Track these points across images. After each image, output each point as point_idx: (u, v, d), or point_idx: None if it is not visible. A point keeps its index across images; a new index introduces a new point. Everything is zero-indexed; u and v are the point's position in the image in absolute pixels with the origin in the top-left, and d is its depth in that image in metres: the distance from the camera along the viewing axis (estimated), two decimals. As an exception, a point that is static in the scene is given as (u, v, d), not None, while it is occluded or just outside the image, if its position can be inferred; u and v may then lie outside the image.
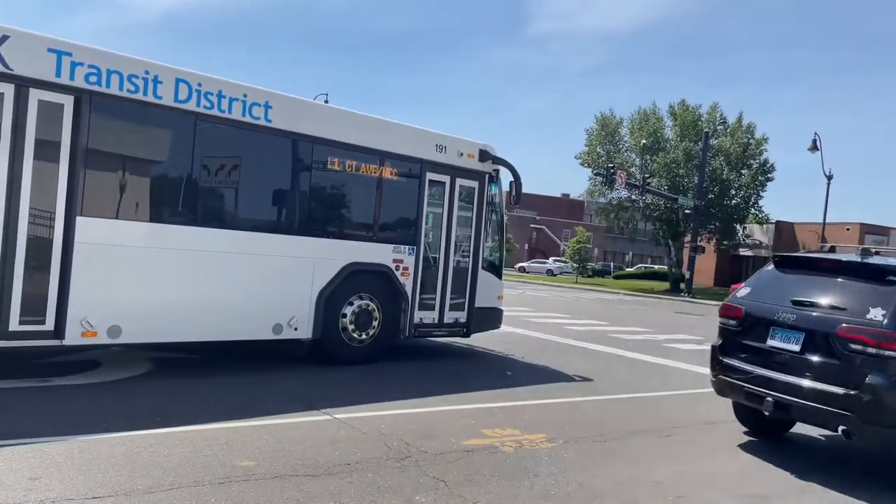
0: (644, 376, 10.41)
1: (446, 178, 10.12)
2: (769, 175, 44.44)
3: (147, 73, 7.26)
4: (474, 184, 10.49)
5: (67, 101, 6.80)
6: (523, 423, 6.84)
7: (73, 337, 6.91)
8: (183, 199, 7.81)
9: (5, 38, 6.41)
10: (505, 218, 11.70)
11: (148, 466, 4.78)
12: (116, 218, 7.23)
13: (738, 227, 45.13)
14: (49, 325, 6.80)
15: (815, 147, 34.70)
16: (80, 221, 6.88)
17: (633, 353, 12.86)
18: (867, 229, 44.21)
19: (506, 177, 11.05)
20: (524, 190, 11.02)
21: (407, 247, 9.69)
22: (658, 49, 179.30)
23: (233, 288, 8.03)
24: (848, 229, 43.89)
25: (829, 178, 35.15)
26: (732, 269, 52.08)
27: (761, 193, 44.64)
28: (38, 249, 6.70)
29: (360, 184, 9.30)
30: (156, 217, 7.55)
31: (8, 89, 6.45)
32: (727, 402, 8.87)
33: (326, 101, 23.06)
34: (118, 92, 7.07)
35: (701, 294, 41.62)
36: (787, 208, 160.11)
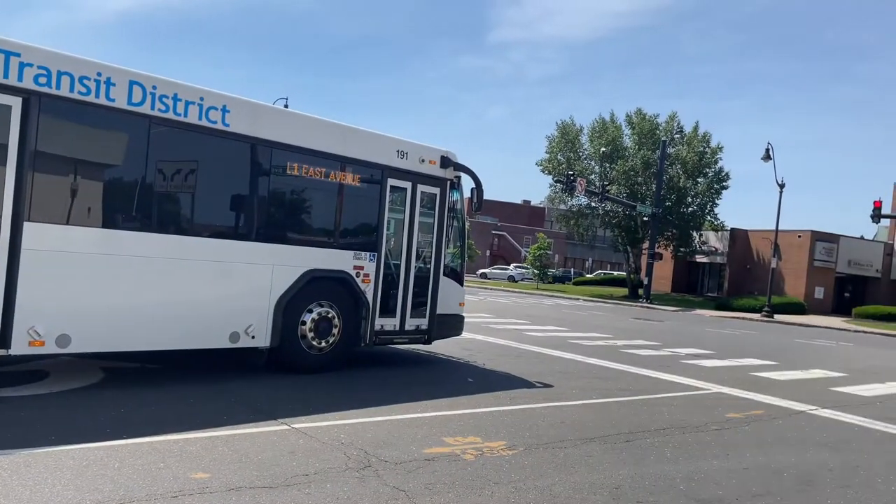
0: (603, 382, 10.50)
1: (408, 185, 10.08)
2: (724, 183, 45.50)
3: (99, 74, 7.07)
4: (436, 190, 10.47)
5: (15, 103, 6.57)
6: (484, 431, 6.83)
7: (19, 346, 6.66)
8: (136, 205, 7.60)
9: (-51, 36, 6.18)
10: (466, 224, 11.71)
11: (97, 480, 4.62)
12: (66, 223, 7.00)
13: (694, 234, 46.06)
14: (-6, 334, 6.55)
15: (767, 156, 35.60)
16: (28, 227, 6.64)
17: (593, 359, 12.98)
18: (818, 237, 45.50)
19: (467, 183, 11.07)
20: (485, 196, 11.05)
21: (368, 253, 9.62)
22: (616, 59, 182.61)
23: (188, 295, 7.85)
24: (799, 236, 45.11)
25: (782, 186, 36.08)
26: (689, 276, 53.08)
27: (717, 201, 45.73)
28: (-17, 256, 6.44)
29: (320, 189, 9.20)
30: (108, 223, 7.34)
31: (-49, 89, 6.21)
32: (688, 406, 9.04)
33: (286, 106, 22.85)
34: (69, 94, 6.86)
35: (659, 300, 42.33)
36: (741, 216, 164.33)
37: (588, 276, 68.79)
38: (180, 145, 7.89)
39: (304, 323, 9.00)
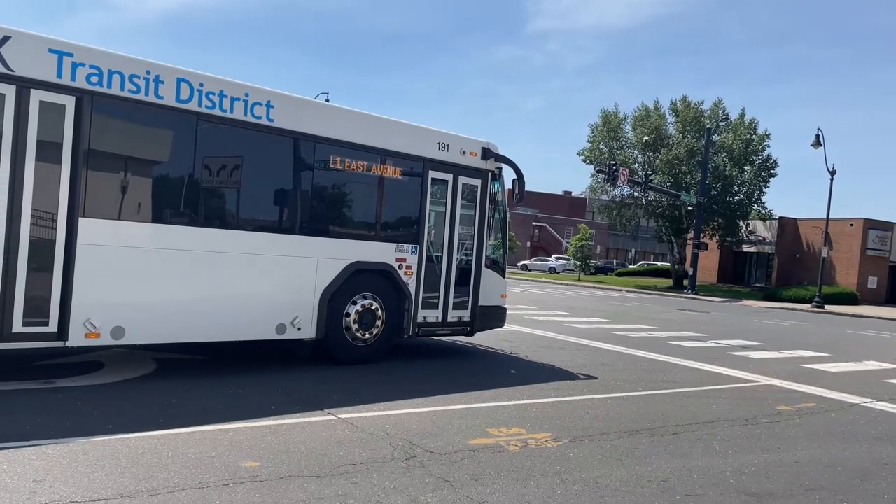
0: (649, 374, 10.38)
1: (449, 177, 10.09)
2: (772, 171, 44.37)
3: (148, 73, 7.24)
4: (477, 182, 10.45)
5: (69, 102, 6.77)
6: (528, 422, 6.82)
7: (76, 338, 6.89)
8: (185, 200, 7.78)
9: (6, 38, 6.40)
10: (508, 216, 11.67)
11: (152, 468, 4.76)
12: (119, 219, 7.21)
13: (741, 223, 45.05)
14: (52, 326, 6.79)
15: (817, 142, 34.60)
16: (83, 223, 6.86)
17: (638, 351, 12.83)
18: (870, 224, 44.02)
19: (508, 174, 11.02)
20: (526, 188, 11.00)
21: (410, 245, 9.67)
22: (656, 46, 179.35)
23: (236, 288, 8.01)
24: (851, 224, 43.71)
25: (833, 173, 35.05)
26: (736, 266, 51.96)
27: (764, 189, 44.63)
28: (41, 251, 6.68)
29: (363, 183, 9.27)
30: (158, 217, 7.53)
31: (9, 90, 6.43)
32: (736, 399, 8.87)
33: (328, 100, 23.03)
34: (120, 92, 7.04)
35: (704, 291, 41.57)
36: (790, 204, 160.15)
37: (631, 266, 67.88)
38: (226, 141, 8.03)
39: (348, 315, 9.10)
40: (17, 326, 6.57)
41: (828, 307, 34.32)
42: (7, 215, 6.44)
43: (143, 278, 7.31)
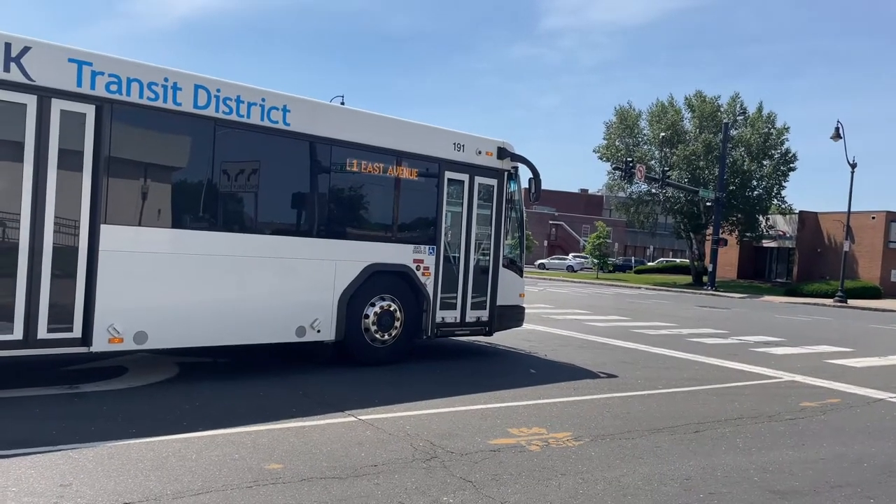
0: (669, 371, 10.31)
1: (465, 177, 10.09)
2: (791, 165, 43.90)
3: (166, 80, 7.32)
4: (493, 181, 10.45)
5: (89, 111, 6.87)
6: (549, 422, 6.80)
7: (100, 343, 6.99)
8: (204, 205, 7.85)
9: (26, 49, 6.49)
10: (524, 215, 11.64)
11: (177, 471, 4.81)
12: (140, 225, 7.29)
13: (760, 218, 44.60)
14: (77, 332, 6.88)
15: (837, 135, 34.15)
16: (105, 229, 6.95)
17: (658, 349, 12.75)
18: (893, 217, 43.33)
19: (524, 174, 11.00)
20: (542, 186, 10.96)
21: (427, 246, 9.68)
22: (671, 41, 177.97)
23: (256, 291, 8.07)
24: (873, 217, 43.11)
25: (853, 166, 34.57)
26: (756, 261, 51.45)
27: (784, 183, 44.18)
28: (64, 258, 6.77)
29: (379, 184, 9.30)
30: (178, 223, 7.61)
31: (30, 100, 6.52)
32: (759, 395, 8.79)
33: (343, 103, 23.11)
34: (139, 100, 7.13)
35: (724, 287, 41.22)
36: (810, 198, 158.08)
37: (649, 263, 67.46)
38: (244, 146, 8.09)
39: (367, 316, 9.13)
40: (43, 333, 6.67)
41: (850, 301, 33.88)
42: (30, 223, 6.54)
43: (165, 283, 7.39)
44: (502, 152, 10.50)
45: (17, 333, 6.53)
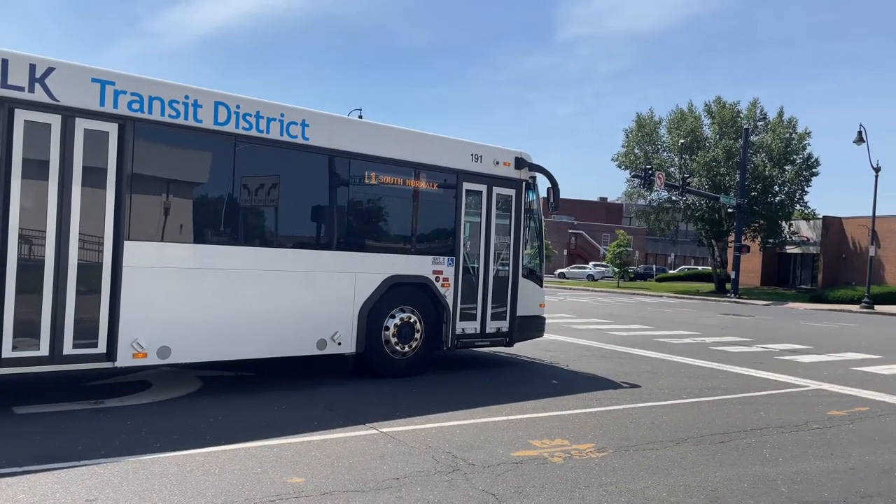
0: (693, 381, 10.19)
1: (483, 188, 10.09)
2: (814, 170, 43.39)
3: (187, 97, 7.42)
4: (511, 192, 10.44)
5: (112, 129, 6.97)
6: (572, 433, 6.75)
7: (124, 359, 7.06)
8: (225, 220, 7.93)
9: (50, 70, 6.62)
10: (543, 224, 11.62)
11: (200, 485, 4.84)
12: (162, 241, 7.38)
13: (783, 224, 44.08)
14: (101, 347, 6.96)
15: (860, 139, 33.73)
16: (128, 245, 7.04)
17: (681, 358, 12.61)
18: (920, 221, 42.62)
19: (542, 183, 10.98)
20: (561, 195, 10.94)
21: (446, 258, 9.69)
22: (687, 48, 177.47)
23: (276, 305, 8.12)
24: (899, 221, 42.40)
25: (877, 169, 34.10)
26: (780, 268, 50.82)
27: (806, 189, 43.69)
28: (89, 274, 6.86)
29: (398, 197, 9.34)
30: (200, 238, 7.69)
31: (55, 120, 6.64)
32: (786, 405, 8.66)
33: (361, 117, 23.27)
34: (160, 118, 7.23)
35: (748, 294, 40.73)
36: (834, 203, 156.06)
37: (671, 272, 66.86)
38: (264, 161, 8.17)
39: (387, 328, 9.14)
40: (69, 348, 6.76)
41: (877, 307, 33.29)
42: (55, 240, 6.64)
43: (188, 298, 7.46)
44: (520, 162, 10.50)
45: (44, 349, 6.63)
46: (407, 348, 9.33)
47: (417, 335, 9.42)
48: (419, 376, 9.28)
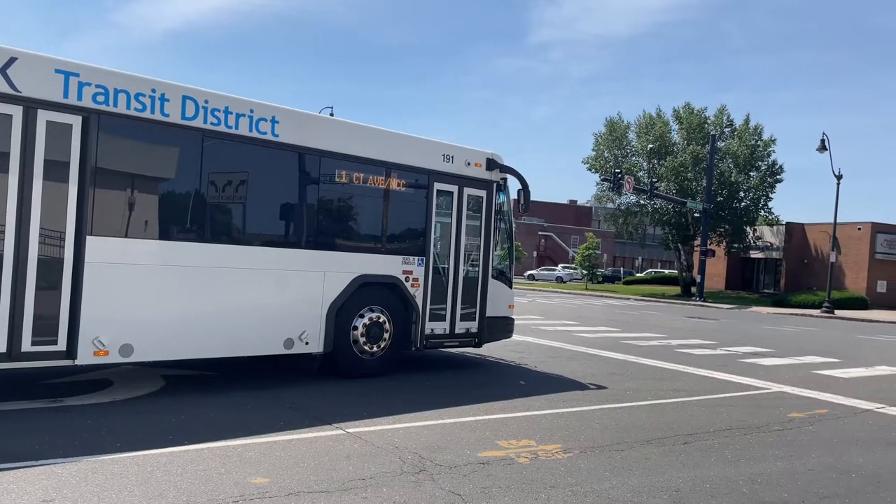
0: (659, 382, 10.32)
1: (454, 188, 10.10)
2: (778, 176, 44.28)
3: (154, 91, 7.29)
4: (482, 193, 10.46)
5: (76, 122, 6.82)
6: (538, 434, 6.78)
7: (85, 356, 6.91)
8: (191, 216, 7.81)
9: (12, 60, 6.45)
10: (513, 226, 11.66)
11: (162, 486, 4.75)
12: (126, 236, 7.23)
13: (748, 229, 44.91)
14: (61, 345, 6.80)
15: (823, 147, 34.48)
16: (90, 241, 6.89)
17: (647, 360, 12.76)
18: (878, 228, 43.74)
19: (513, 185, 11.03)
20: (532, 197, 11.00)
21: (416, 258, 9.66)
22: (658, 54, 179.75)
23: (243, 303, 8.02)
24: (859, 228, 43.47)
25: (839, 177, 34.89)
26: (744, 272, 51.72)
27: (771, 195, 44.57)
28: (49, 270, 6.71)
29: (369, 196, 9.29)
30: (165, 234, 7.56)
31: (16, 111, 6.48)
32: (748, 407, 8.80)
33: (332, 115, 23.14)
34: (126, 111, 7.09)
35: (712, 298, 41.40)
36: (797, 209, 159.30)
37: (638, 275, 67.67)
38: (232, 157, 8.07)
39: (355, 328, 9.09)
40: (27, 345, 6.59)
41: (837, 312, 34.10)
42: (15, 234, 6.48)
43: (151, 295, 7.33)
44: (491, 163, 10.53)
45: (1, 346, 6.45)
46: (375, 348, 9.29)
47: (386, 335, 9.38)
48: (387, 376, 9.25)
